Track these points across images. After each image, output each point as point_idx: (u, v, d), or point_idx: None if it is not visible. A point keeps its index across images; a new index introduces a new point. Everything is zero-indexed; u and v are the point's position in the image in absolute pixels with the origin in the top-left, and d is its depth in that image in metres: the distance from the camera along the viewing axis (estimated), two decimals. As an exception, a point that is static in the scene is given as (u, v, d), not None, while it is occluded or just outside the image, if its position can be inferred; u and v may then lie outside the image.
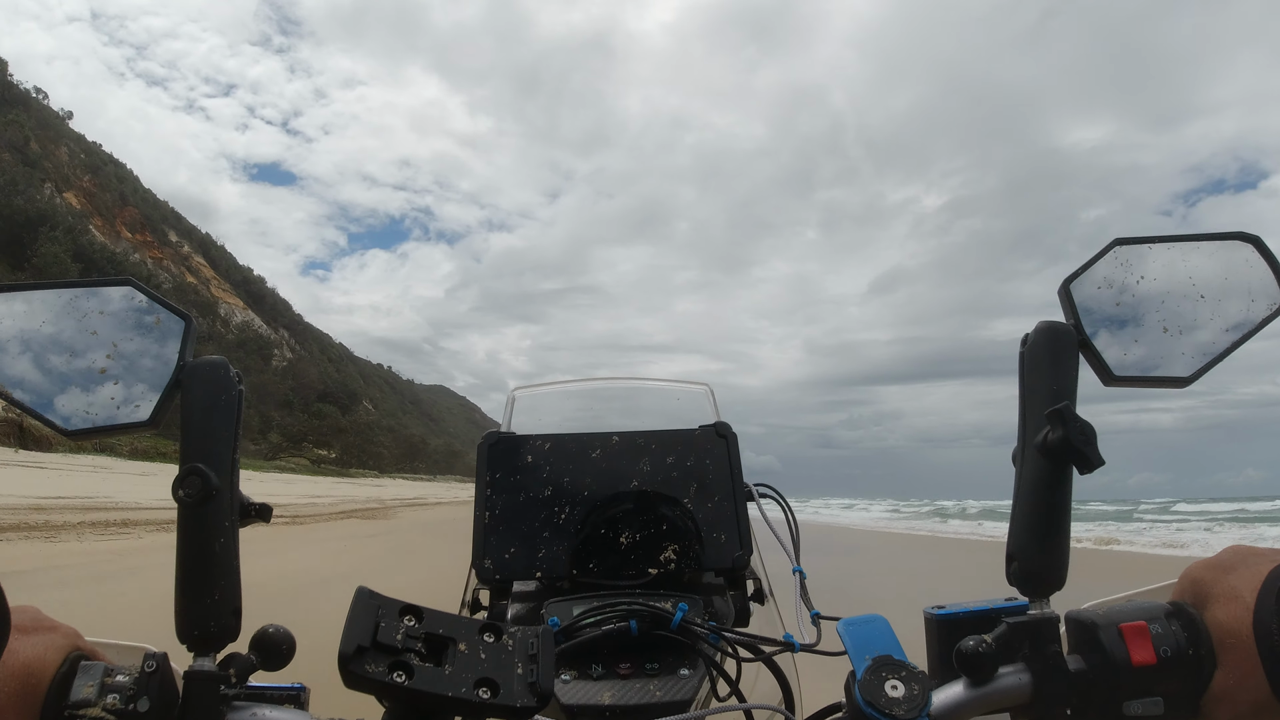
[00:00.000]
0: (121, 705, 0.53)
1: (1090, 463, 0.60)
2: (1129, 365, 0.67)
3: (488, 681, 0.52)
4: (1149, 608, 0.60)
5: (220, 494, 0.59)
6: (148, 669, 0.55)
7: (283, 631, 0.61)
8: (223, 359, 0.64)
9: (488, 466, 0.92)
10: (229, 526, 0.60)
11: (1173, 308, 0.68)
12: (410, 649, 0.52)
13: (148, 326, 0.66)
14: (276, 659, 0.60)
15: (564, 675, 0.71)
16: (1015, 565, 0.62)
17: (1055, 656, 0.60)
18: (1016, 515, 0.63)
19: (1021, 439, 0.64)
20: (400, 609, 0.54)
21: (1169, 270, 0.69)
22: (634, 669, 0.71)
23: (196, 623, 0.58)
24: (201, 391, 0.62)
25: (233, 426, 0.62)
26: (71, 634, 0.58)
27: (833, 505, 69.08)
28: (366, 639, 0.51)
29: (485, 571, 0.87)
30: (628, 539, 0.87)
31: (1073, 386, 0.64)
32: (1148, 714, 0.58)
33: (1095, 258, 0.69)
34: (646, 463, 0.93)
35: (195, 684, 0.56)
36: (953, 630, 0.62)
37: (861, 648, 0.59)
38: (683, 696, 0.69)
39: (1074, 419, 0.60)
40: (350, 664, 0.50)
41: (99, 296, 0.67)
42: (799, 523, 0.93)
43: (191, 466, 0.59)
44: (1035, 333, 0.66)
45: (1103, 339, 0.67)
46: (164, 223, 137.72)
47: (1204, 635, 0.57)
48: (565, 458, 0.94)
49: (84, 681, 0.54)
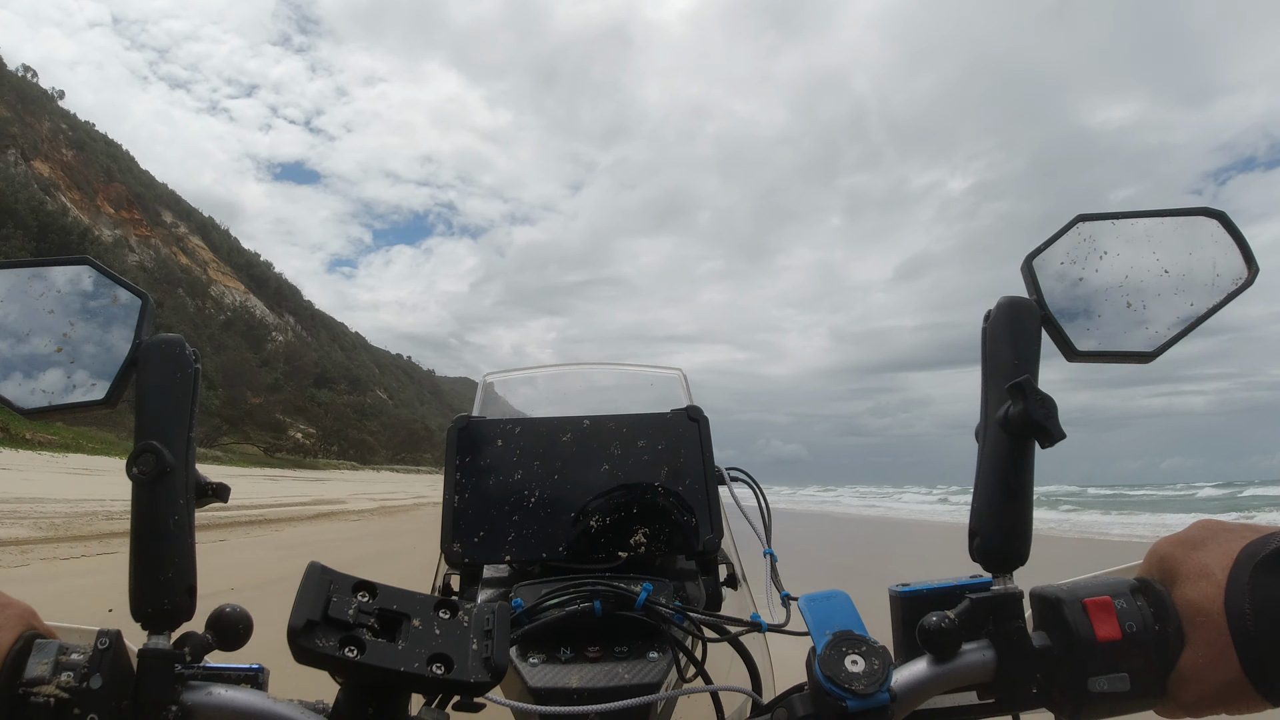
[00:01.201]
0: (75, 683, 0.53)
1: (1051, 436, 0.60)
2: (1092, 340, 0.67)
3: (441, 657, 0.52)
4: (1114, 583, 0.60)
5: (174, 472, 0.59)
6: (100, 646, 0.54)
7: (239, 611, 0.60)
8: (179, 337, 0.63)
9: (457, 451, 0.91)
10: (184, 505, 0.59)
11: (1137, 283, 0.68)
12: (362, 624, 0.52)
13: (105, 305, 0.65)
14: (233, 639, 0.60)
15: (532, 659, 0.70)
16: (978, 541, 0.62)
17: (1019, 633, 0.59)
18: (979, 491, 0.63)
19: (984, 414, 0.64)
20: (353, 585, 0.54)
21: (1133, 246, 0.68)
22: (602, 652, 0.71)
23: (150, 600, 0.57)
24: (157, 370, 0.62)
25: (188, 405, 0.61)
26: (26, 612, 0.57)
27: (866, 494, 64.87)
28: (317, 613, 0.51)
29: (454, 556, 0.86)
30: (599, 523, 0.86)
31: (1034, 361, 0.64)
32: (1113, 690, 0.57)
33: (1058, 233, 0.69)
34: (617, 446, 0.92)
35: (149, 662, 0.56)
36: (916, 607, 0.62)
37: (822, 623, 0.58)
38: (651, 679, 0.68)
39: (1034, 392, 0.60)
40: (300, 638, 0.50)
41: (56, 276, 0.66)
42: (771, 506, 0.93)
43: (145, 444, 0.58)
44: (997, 308, 0.66)
45: (1065, 315, 0.67)
46: (158, 203, 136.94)
47: (1171, 612, 0.57)
48: (536, 441, 0.93)
49: (38, 660, 0.54)
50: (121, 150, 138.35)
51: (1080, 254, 0.68)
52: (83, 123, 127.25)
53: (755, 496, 0.95)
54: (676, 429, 0.94)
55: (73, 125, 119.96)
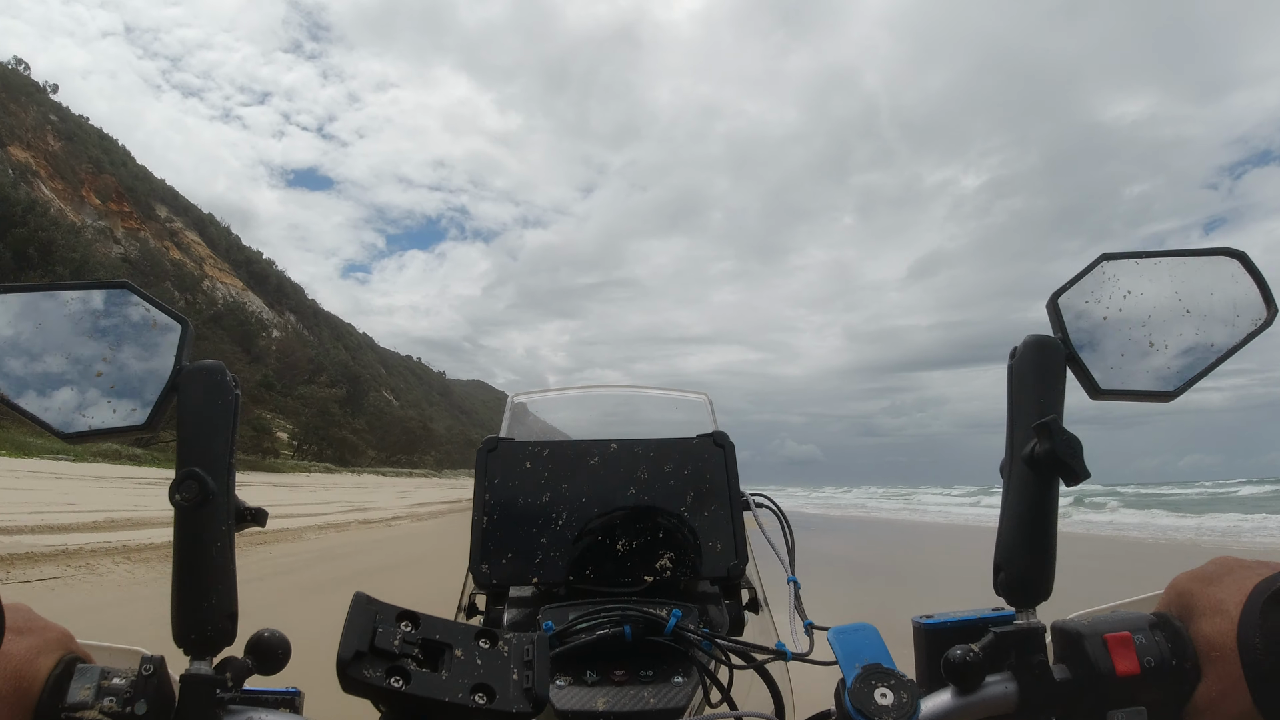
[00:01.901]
0: (118, 708, 0.53)
1: (1076, 475, 0.61)
2: (1115, 379, 0.68)
3: (484, 687, 0.53)
4: (1134, 618, 0.62)
5: (216, 498, 0.59)
6: (145, 672, 0.55)
7: (278, 636, 0.61)
8: (219, 363, 0.64)
9: (486, 471, 0.93)
10: (225, 530, 0.60)
11: (1159, 322, 0.69)
12: (407, 654, 0.53)
13: (144, 330, 0.66)
14: (272, 663, 0.61)
15: (559, 681, 0.71)
16: (1002, 575, 0.63)
17: (1041, 666, 0.60)
18: (1004, 526, 0.64)
19: (1009, 451, 0.65)
20: (397, 614, 0.55)
21: (1156, 285, 0.70)
22: (628, 676, 0.72)
23: (193, 626, 0.58)
24: (198, 395, 0.62)
25: (229, 430, 0.62)
26: (65, 636, 0.58)
27: (890, 495, 59.27)
28: (364, 644, 0.52)
29: (482, 576, 0.87)
30: (624, 546, 0.87)
31: (1060, 399, 0.65)
32: None
33: (1083, 272, 0.70)
34: (644, 470, 0.94)
35: (191, 687, 0.56)
36: (940, 640, 0.63)
37: (851, 656, 0.60)
38: (676, 704, 0.69)
39: (1061, 432, 0.61)
40: (348, 669, 0.51)
41: (95, 299, 0.67)
42: (795, 534, 0.94)
43: (188, 470, 0.59)
44: (1023, 346, 0.67)
45: (1090, 353, 0.68)
46: (153, 197, 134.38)
47: (1188, 646, 0.58)
48: (563, 464, 0.94)
49: (80, 684, 0.54)
50: (116, 144, 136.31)
51: (1104, 293, 0.70)
52: (75, 116, 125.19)
53: (779, 523, 0.97)
54: (702, 454, 0.95)
55: (64, 118, 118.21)
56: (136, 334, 0.66)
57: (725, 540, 0.90)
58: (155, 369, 0.65)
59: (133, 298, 0.67)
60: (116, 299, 0.67)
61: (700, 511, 0.91)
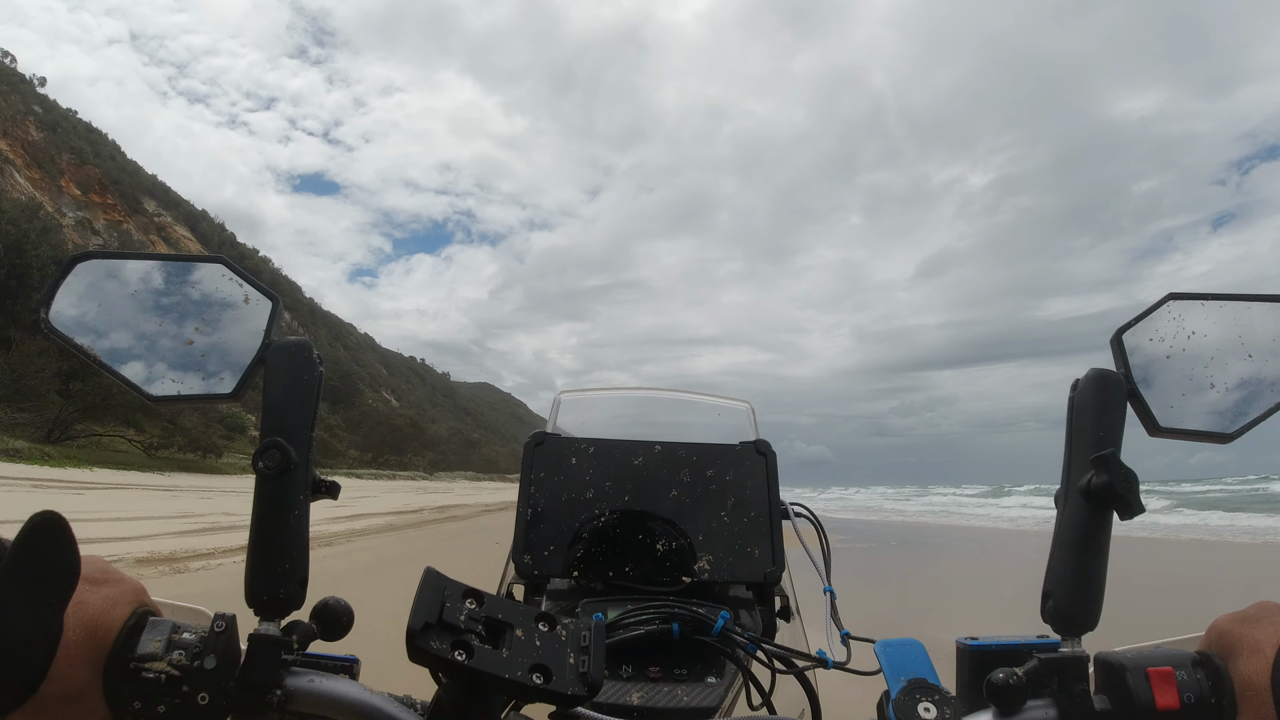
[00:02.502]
0: (187, 662, 0.56)
1: (1132, 509, 0.62)
2: (1174, 418, 0.69)
3: (541, 668, 0.55)
4: (1176, 655, 0.62)
5: (297, 468, 0.62)
6: (217, 629, 0.58)
7: (343, 604, 0.64)
8: (307, 340, 0.67)
9: (531, 465, 0.95)
10: (303, 500, 0.63)
11: (1221, 364, 0.70)
12: (471, 630, 0.55)
13: (237, 304, 0.69)
14: (335, 629, 0.63)
15: None
16: (1050, 604, 0.64)
17: (1082, 695, 0.61)
18: (1055, 555, 0.65)
19: (1065, 481, 0.66)
20: (463, 592, 0.57)
21: (1220, 327, 0.70)
22: (663, 672, 0.74)
23: (266, 588, 0.61)
24: (284, 370, 0.65)
25: (312, 405, 0.65)
26: (139, 589, 0.61)
27: (909, 496, 56.48)
28: (433, 617, 0.54)
29: (524, 567, 0.90)
30: (664, 546, 0.89)
31: (1119, 434, 0.66)
32: None
33: (1149, 310, 0.71)
34: (686, 474, 0.95)
35: (259, 646, 0.59)
36: (984, 662, 0.64)
37: (897, 669, 0.61)
38: (709, 703, 0.71)
39: (1118, 466, 0.62)
40: (417, 639, 0.53)
41: (193, 271, 0.70)
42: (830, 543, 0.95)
43: (272, 440, 0.62)
44: (1085, 379, 0.68)
45: (1151, 390, 0.69)
46: (141, 191, 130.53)
47: (1227, 685, 0.59)
48: (608, 462, 0.97)
49: (151, 636, 0.57)
50: (105, 138, 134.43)
51: (1169, 331, 0.70)
52: (62, 109, 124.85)
53: (816, 533, 0.98)
54: (744, 461, 0.97)
55: (49, 109, 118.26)
56: (228, 307, 0.69)
57: (763, 547, 0.91)
58: (245, 341, 0.68)
59: (227, 272, 0.70)
60: (211, 273, 0.70)
61: (740, 517, 0.93)
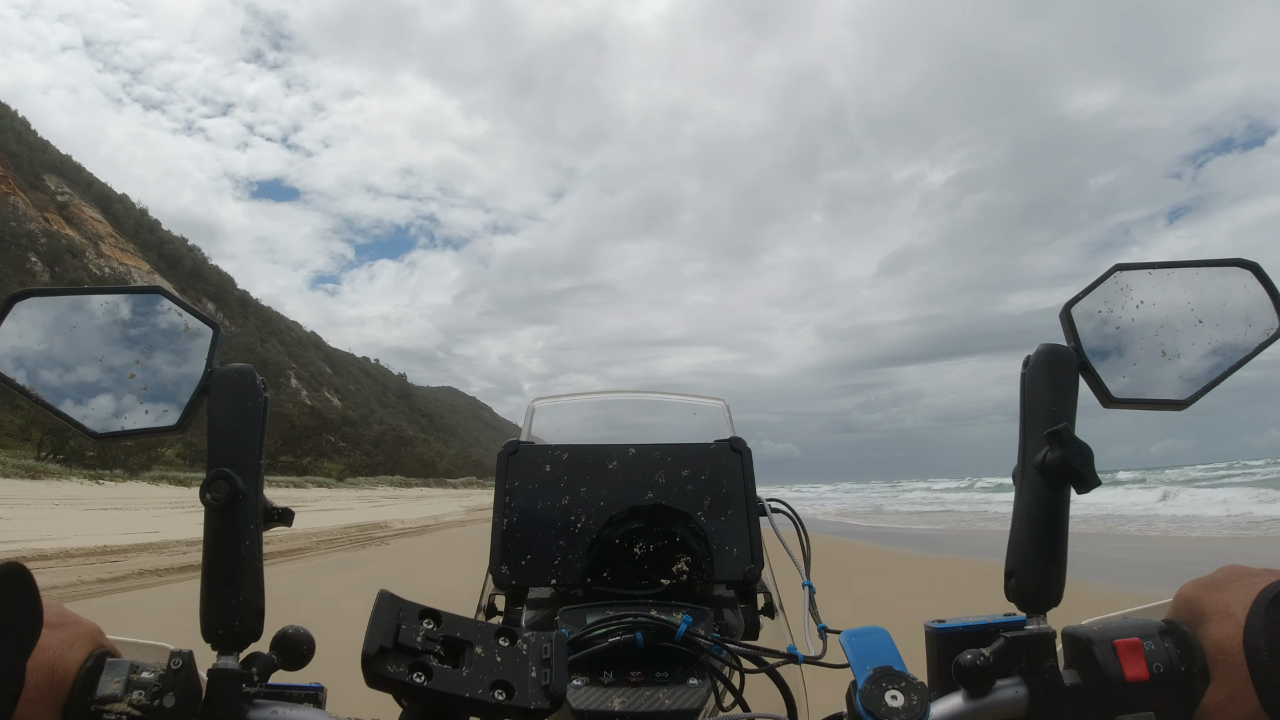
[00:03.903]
0: (147, 701, 0.55)
1: (1087, 482, 0.62)
2: (1127, 388, 0.69)
3: (503, 684, 0.54)
4: (1143, 624, 0.62)
5: (246, 498, 0.61)
6: (174, 666, 0.57)
7: (303, 632, 0.63)
8: (250, 366, 0.66)
9: (506, 474, 0.95)
10: (254, 530, 0.62)
11: (1171, 332, 0.70)
12: (429, 651, 0.54)
13: (176, 333, 0.68)
14: (296, 659, 0.62)
15: (575, 680, 0.72)
16: (1014, 582, 0.64)
17: (1051, 671, 0.61)
18: (1015, 532, 0.65)
19: (1021, 458, 0.66)
20: (420, 612, 0.56)
21: (1168, 295, 0.71)
22: (644, 677, 0.73)
23: (221, 622, 0.60)
24: (229, 398, 0.64)
25: (258, 432, 0.64)
26: (95, 630, 0.60)
27: (885, 492, 53.54)
28: (389, 640, 0.53)
29: (502, 577, 0.89)
30: (641, 550, 0.89)
31: (1072, 408, 0.66)
32: None
33: (1096, 282, 0.71)
34: (662, 475, 0.95)
35: (219, 682, 0.58)
36: (951, 644, 0.64)
37: (863, 658, 0.61)
38: (690, 705, 0.71)
39: (1072, 440, 0.62)
40: (373, 664, 0.52)
41: (128, 303, 0.69)
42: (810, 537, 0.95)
43: (219, 471, 0.61)
44: (1036, 355, 0.68)
45: (1102, 362, 0.69)
46: (45, 168, 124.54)
47: (1197, 652, 0.59)
48: (583, 468, 0.96)
49: (110, 677, 0.56)
50: (13, 114, 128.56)
51: (1117, 303, 0.70)
52: None
53: (795, 528, 0.98)
54: (720, 459, 0.97)
55: None
56: (168, 337, 0.68)
57: (741, 545, 0.91)
58: (187, 372, 0.67)
59: (165, 302, 0.69)
60: (148, 303, 0.69)
61: (717, 516, 0.92)
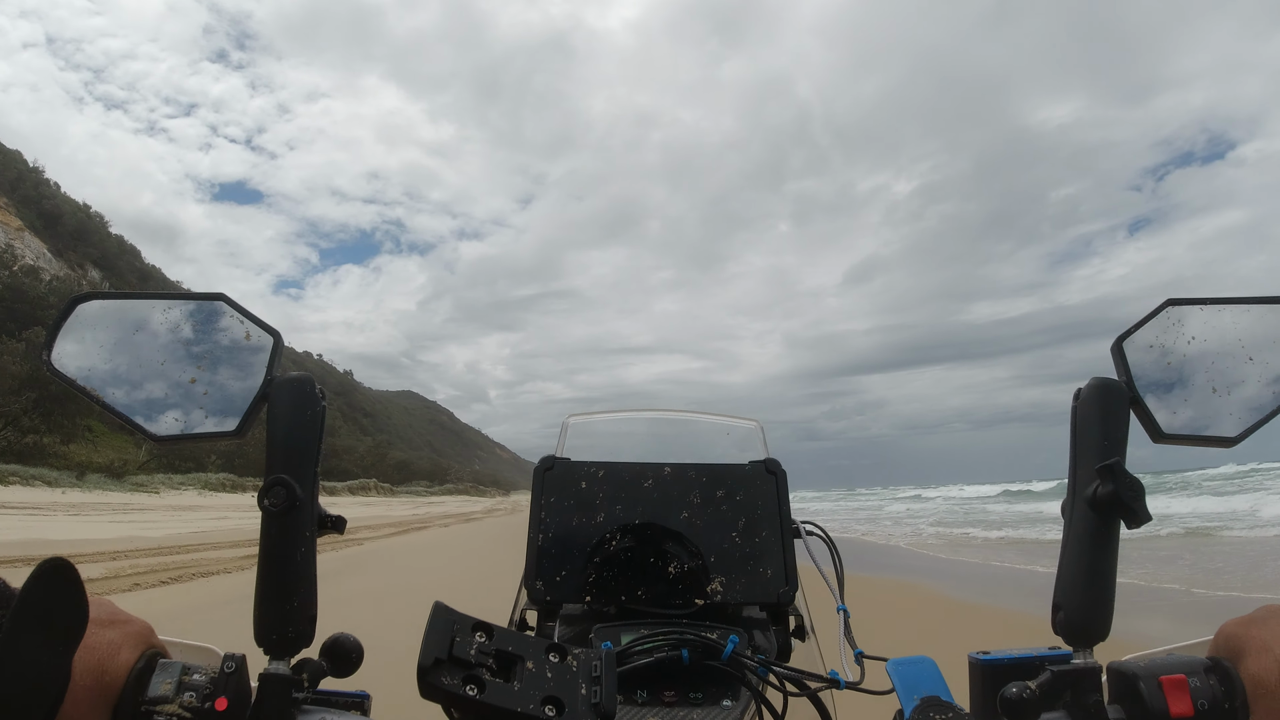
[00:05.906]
0: (198, 703, 0.55)
1: (1138, 518, 0.62)
2: (1178, 424, 0.69)
3: (554, 700, 0.55)
4: (1188, 661, 0.62)
5: (303, 505, 0.62)
6: (227, 669, 0.57)
7: (352, 640, 0.64)
8: (309, 375, 0.67)
9: (542, 490, 0.95)
10: (309, 536, 0.63)
11: (1221, 368, 0.70)
12: (482, 664, 0.55)
13: (238, 341, 0.69)
14: (346, 666, 0.63)
15: None
16: (1061, 615, 0.64)
17: (1096, 706, 0.61)
18: (1064, 566, 0.65)
19: (1071, 492, 0.66)
20: (472, 625, 0.57)
21: (1219, 331, 0.71)
22: (678, 697, 0.74)
23: (275, 627, 0.60)
24: (287, 406, 0.65)
25: (316, 441, 0.65)
26: (147, 630, 0.60)
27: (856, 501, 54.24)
28: (443, 652, 0.54)
29: (536, 592, 0.90)
30: (676, 569, 0.89)
31: (1123, 442, 0.66)
32: None
33: (1147, 317, 0.71)
34: (697, 495, 0.96)
35: (269, 686, 0.59)
36: (997, 676, 0.64)
37: (910, 688, 0.61)
38: None
39: (1124, 475, 0.62)
40: (428, 675, 0.53)
41: (192, 309, 0.71)
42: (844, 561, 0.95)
43: (277, 477, 0.62)
44: (1088, 388, 0.68)
45: (1153, 397, 0.69)
46: None
47: (1239, 688, 0.59)
48: (618, 486, 0.97)
49: (162, 678, 0.56)
50: None
51: (1169, 338, 0.71)
52: None
53: (829, 551, 0.98)
54: (754, 481, 0.97)
55: None
56: (230, 344, 0.69)
57: (776, 567, 0.91)
58: (247, 378, 0.68)
59: (228, 309, 0.70)
60: (212, 310, 0.71)
61: (751, 537, 0.93)
